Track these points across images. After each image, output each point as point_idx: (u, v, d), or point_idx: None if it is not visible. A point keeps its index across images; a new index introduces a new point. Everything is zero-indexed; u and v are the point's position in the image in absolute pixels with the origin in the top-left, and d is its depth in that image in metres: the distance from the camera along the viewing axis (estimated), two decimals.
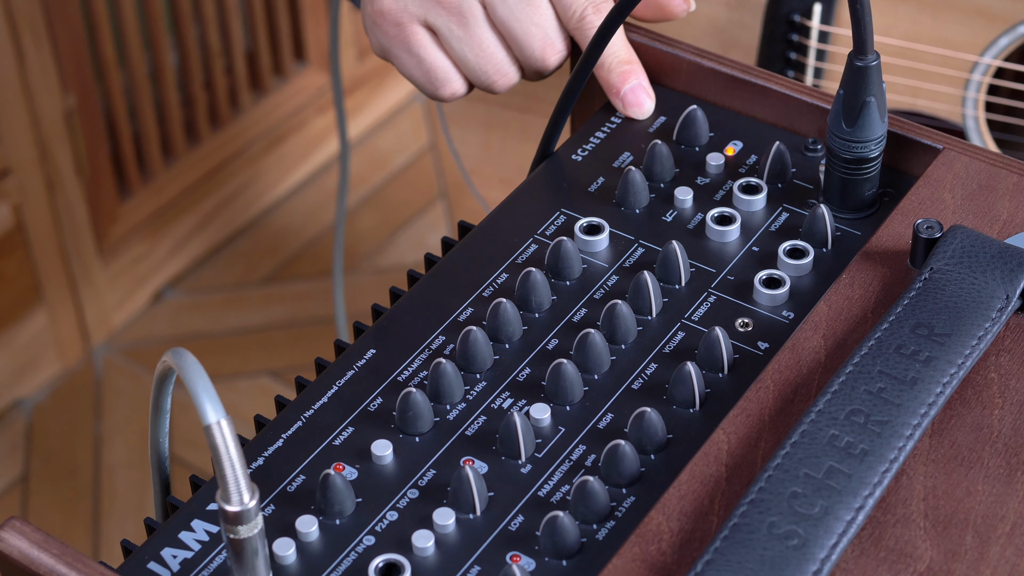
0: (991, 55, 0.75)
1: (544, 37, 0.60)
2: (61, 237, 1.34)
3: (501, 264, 0.57)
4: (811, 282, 0.55)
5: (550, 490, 0.50)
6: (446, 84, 0.62)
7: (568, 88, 0.59)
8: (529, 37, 0.60)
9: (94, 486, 1.32)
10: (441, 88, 0.62)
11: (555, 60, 0.61)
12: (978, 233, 0.53)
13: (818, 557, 0.44)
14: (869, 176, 0.57)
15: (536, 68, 0.61)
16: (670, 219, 0.58)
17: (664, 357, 0.53)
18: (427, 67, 0.62)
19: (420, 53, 0.61)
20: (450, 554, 0.48)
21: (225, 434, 0.43)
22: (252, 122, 1.49)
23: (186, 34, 1.38)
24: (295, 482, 0.50)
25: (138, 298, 1.45)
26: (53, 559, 0.46)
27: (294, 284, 1.48)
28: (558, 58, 0.61)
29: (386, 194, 1.55)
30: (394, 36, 0.61)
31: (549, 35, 0.60)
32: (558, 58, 0.61)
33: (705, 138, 0.61)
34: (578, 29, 0.60)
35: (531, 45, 0.60)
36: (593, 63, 0.58)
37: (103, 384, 1.39)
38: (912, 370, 0.49)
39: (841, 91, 0.55)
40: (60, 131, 1.30)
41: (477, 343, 0.53)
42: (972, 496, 0.47)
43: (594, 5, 0.60)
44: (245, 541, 0.45)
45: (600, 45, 0.57)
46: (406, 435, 0.51)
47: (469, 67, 0.61)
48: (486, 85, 0.62)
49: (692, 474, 0.48)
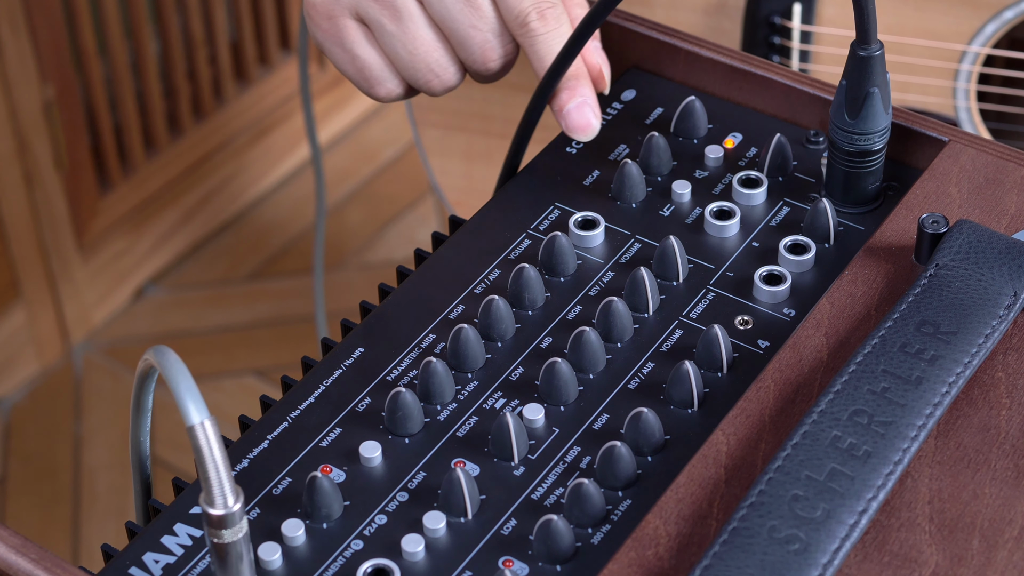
0: (979, 43, 0.74)
1: (483, 40, 0.57)
2: (40, 232, 1.33)
3: (493, 260, 0.56)
4: (813, 278, 0.55)
5: (544, 493, 0.49)
6: (380, 83, 0.59)
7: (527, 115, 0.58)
8: (467, 39, 0.57)
9: (74, 489, 1.31)
10: (375, 87, 0.59)
11: (496, 65, 0.58)
12: (985, 228, 0.53)
13: (820, 562, 0.44)
14: (872, 169, 0.56)
15: (477, 71, 0.59)
16: (667, 213, 0.58)
17: (661, 356, 0.53)
18: (360, 64, 0.59)
19: (353, 49, 0.59)
20: (441, 559, 0.47)
21: (209, 435, 0.42)
22: (236, 114, 1.48)
23: (168, 23, 1.37)
24: (281, 484, 0.50)
25: (119, 295, 1.44)
26: (31, 564, 0.46)
27: (280, 281, 1.48)
28: (499, 63, 0.58)
29: (374, 188, 1.55)
30: (326, 30, 0.59)
31: (488, 38, 0.57)
32: (499, 63, 0.58)
33: (704, 130, 0.60)
34: (521, 35, 0.57)
35: (470, 47, 0.57)
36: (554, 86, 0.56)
37: (83, 383, 1.38)
38: (917, 369, 0.48)
39: (844, 82, 0.54)
40: (39, 123, 1.29)
41: (468, 341, 0.52)
42: (979, 499, 0.47)
43: (539, 10, 0.57)
44: (229, 545, 0.44)
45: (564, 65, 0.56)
46: (395, 436, 0.51)
47: (403, 66, 0.58)
48: (422, 85, 0.59)
49: (690, 476, 0.47)
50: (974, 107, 0.76)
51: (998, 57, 0.79)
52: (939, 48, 0.75)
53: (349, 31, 0.58)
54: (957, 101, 0.76)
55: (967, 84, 0.76)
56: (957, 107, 0.76)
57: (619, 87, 0.62)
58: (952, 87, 0.76)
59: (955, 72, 0.75)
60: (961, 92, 0.76)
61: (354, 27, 0.58)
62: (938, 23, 0.75)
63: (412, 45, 0.57)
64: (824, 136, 0.60)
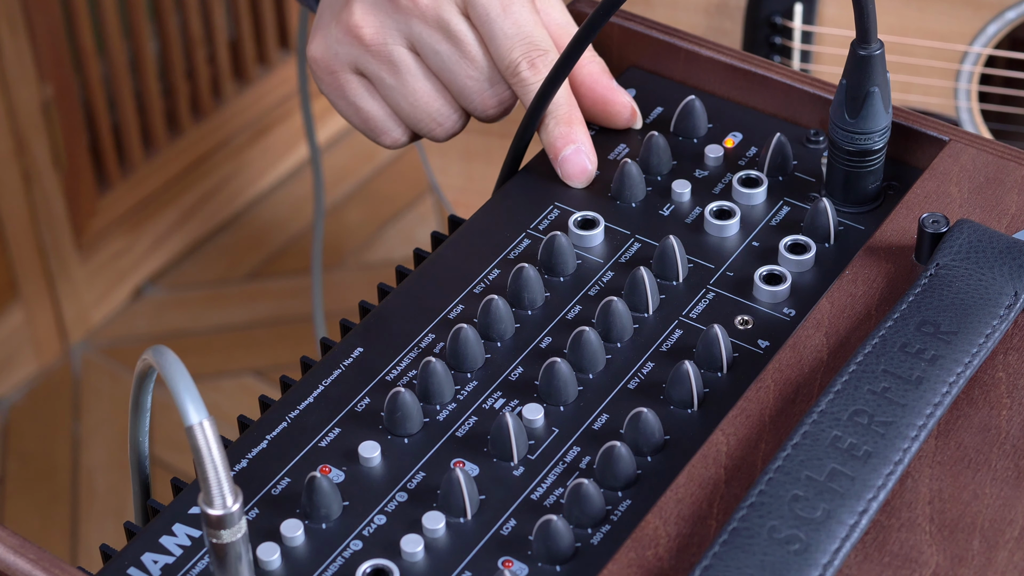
0: (980, 44, 0.74)
1: (480, 90, 0.58)
2: (38, 231, 1.33)
3: (492, 260, 0.56)
4: (813, 278, 0.55)
5: (543, 493, 0.49)
6: (385, 133, 0.60)
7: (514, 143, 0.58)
8: (464, 89, 0.58)
9: (72, 489, 1.31)
10: (380, 137, 0.60)
11: (494, 112, 0.59)
12: (985, 227, 0.53)
13: (820, 562, 0.44)
14: (873, 169, 0.56)
15: (479, 117, 0.60)
16: (667, 213, 0.57)
17: (661, 356, 0.53)
18: (364, 116, 0.60)
19: (356, 102, 0.60)
20: (440, 559, 0.47)
21: (207, 435, 0.42)
22: (235, 113, 1.48)
23: (167, 22, 1.37)
24: (280, 485, 0.49)
25: (117, 295, 1.44)
26: (30, 564, 0.46)
27: (278, 280, 1.47)
28: (498, 111, 0.59)
29: (374, 187, 1.54)
30: (328, 84, 0.60)
31: (484, 88, 0.58)
32: (498, 111, 0.59)
33: (703, 129, 0.60)
34: (514, 84, 0.58)
35: (468, 97, 0.59)
36: (535, 122, 0.57)
37: (81, 383, 1.38)
38: (917, 369, 0.48)
39: (844, 81, 0.54)
40: (37, 122, 1.28)
41: (468, 341, 0.52)
42: (979, 499, 0.46)
43: (529, 60, 0.57)
44: (228, 546, 0.44)
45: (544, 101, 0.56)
46: (394, 436, 0.51)
47: (405, 116, 0.60)
48: (426, 134, 0.60)
49: (690, 476, 0.47)
50: (975, 108, 0.76)
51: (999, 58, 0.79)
52: (941, 48, 0.75)
53: (351, 85, 0.59)
54: (958, 101, 0.76)
55: (968, 84, 0.76)
56: (958, 107, 0.76)
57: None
58: (953, 87, 0.76)
59: (956, 72, 0.75)
60: (963, 92, 0.76)
61: (355, 81, 0.59)
62: (940, 23, 0.75)
63: (412, 97, 0.59)
64: (824, 135, 0.59)
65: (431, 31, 0.58)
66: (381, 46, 0.58)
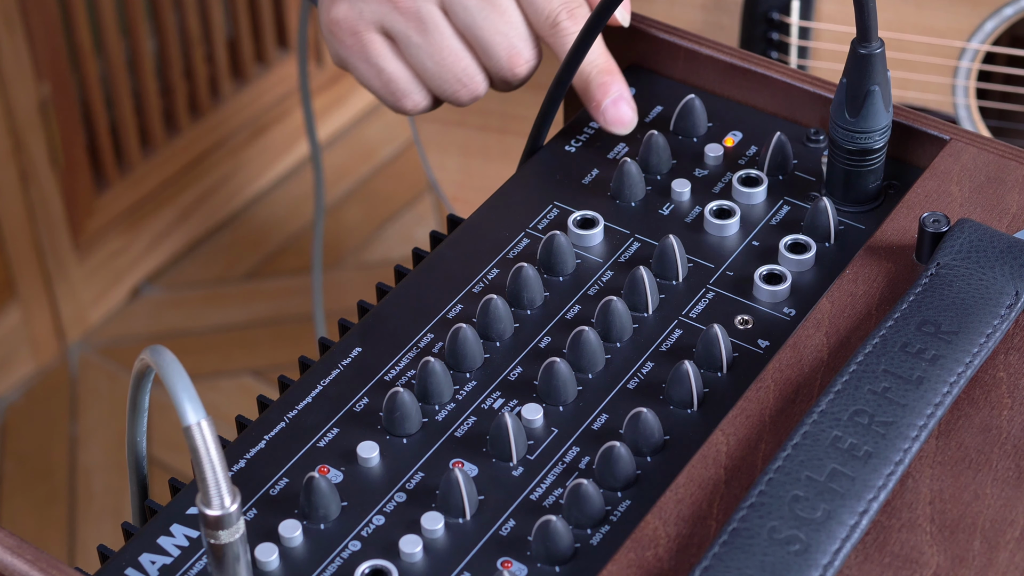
0: (978, 40, 0.74)
1: (510, 46, 0.57)
2: (35, 231, 1.33)
3: (491, 259, 0.56)
4: (813, 278, 0.55)
5: (542, 493, 0.49)
6: (407, 96, 0.59)
7: (548, 97, 0.57)
8: (494, 45, 0.57)
9: (69, 489, 1.30)
10: (402, 100, 0.59)
11: (524, 70, 0.58)
12: (986, 227, 0.52)
13: (820, 563, 0.44)
14: (873, 168, 0.56)
15: (504, 78, 0.59)
16: (667, 212, 0.57)
17: (661, 356, 0.52)
18: (386, 78, 0.59)
19: (379, 63, 0.58)
20: (439, 560, 0.47)
21: (205, 435, 0.42)
22: (233, 112, 1.48)
23: (165, 20, 1.36)
24: (278, 485, 0.49)
25: (115, 294, 1.43)
26: (27, 565, 0.46)
27: (277, 280, 1.47)
28: (527, 68, 0.58)
29: (372, 186, 1.54)
30: (351, 46, 0.58)
31: (515, 43, 0.57)
32: (527, 68, 0.58)
33: (703, 128, 0.60)
34: (552, 35, 0.57)
35: (497, 54, 0.57)
36: (572, 73, 0.56)
37: (79, 383, 1.38)
38: (918, 369, 0.48)
39: (844, 80, 0.54)
40: (34, 121, 1.28)
41: (467, 341, 0.52)
42: (980, 500, 0.46)
43: (568, 10, 0.57)
44: (226, 546, 0.44)
45: (580, 53, 0.55)
46: (393, 436, 0.51)
47: (430, 77, 0.58)
48: (449, 96, 0.59)
49: (690, 477, 0.47)
50: (974, 104, 0.76)
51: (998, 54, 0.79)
52: (939, 45, 0.75)
53: (375, 45, 0.58)
54: (957, 98, 0.76)
55: (967, 81, 0.75)
56: (957, 104, 0.76)
57: None
58: (952, 84, 0.76)
59: (954, 69, 0.75)
60: (961, 89, 0.76)
61: (379, 41, 0.58)
62: (938, 20, 0.75)
63: (439, 56, 0.57)
64: (824, 134, 0.59)
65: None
66: (410, 2, 0.57)
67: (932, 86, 0.76)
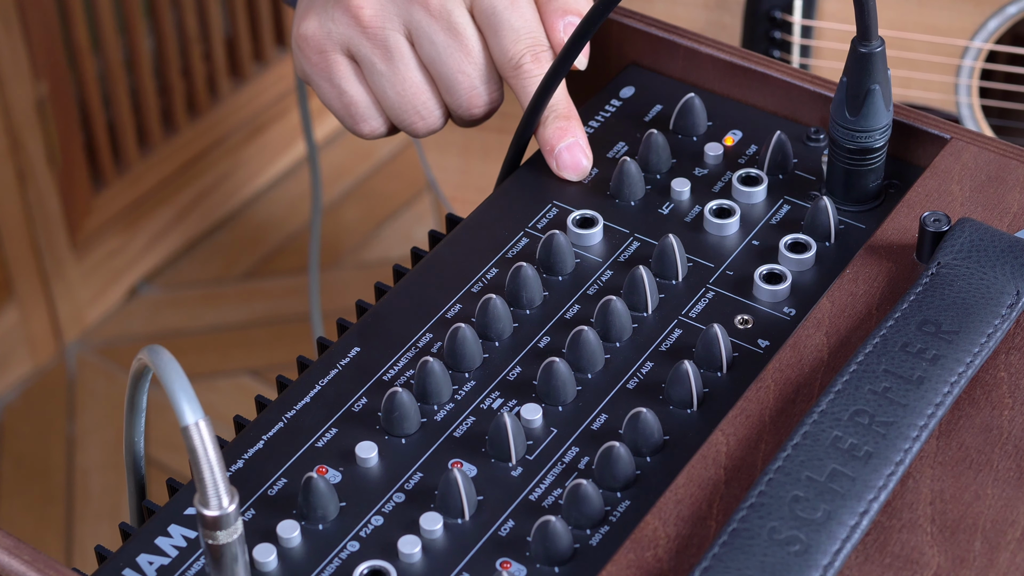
0: (981, 39, 0.74)
1: (471, 86, 0.58)
2: (32, 230, 1.33)
3: (491, 259, 0.56)
4: (813, 277, 0.55)
5: (542, 494, 0.49)
6: (365, 121, 0.59)
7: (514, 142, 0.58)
8: (456, 84, 0.58)
9: (67, 489, 1.30)
10: (359, 124, 0.60)
11: (480, 112, 0.59)
12: (987, 226, 0.52)
13: (821, 564, 0.44)
14: (874, 167, 0.56)
15: (461, 116, 0.59)
16: (667, 212, 0.57)
17: (660, 355, 0.52)
18: (347, 100, 0.59)
19: (341, 85, 0.59)
20: (438, 560, 0.47)
21: (203, 435, 0.42)
22: (231, 111, 1.47)
23: (163, 19, 1.36)
24: (276, 485, 0.49)
25: (113, 294, 1.43)
26: (24, 565, 0.46)
27: (275, 279, 1.47)
28: (484, 110, 0.59)
29: (371, 186, 1.54)
30: (316, 64, 0.59)
31: (476, 84, 0.58)
32: (484, 110, 0.59)
33: (703, 127, 0.60)
34: (514, 78, 0.58)
35: (457, 92, 0.58)
36: (538, 116, 0.57)
37: (76, 383, 1.38)
38: (919, 369, 0.48)
39: (844, 78, 0.54)
40: (31, 120, 1.28)
41: (466, 341, 0.52)
42: (981, 500, 0.46)
43: (533, 53, 0.57)
44: (224, 547, 0.44)
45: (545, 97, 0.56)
46: (392, 436, 0.50)
47: (389, 105, 0.59)
48: (406, 127, 0.60)
49: (689, 477, 0.47)
50: (976, 103, 0.76)
51: (1001, 53, 0.79)
52: (941, 44, 0.75)
53: (339, 67, 0.59)
54: (959, 97, 0.76)
55: (969, 80, 0.75)
56: (959, 103, 0.76)
57: (618, 84, 0.62)
58: (954, 83, 0.75)
59: (957, 68, 0.75)
60: (963, 88, 0.75)
61: (344, 63, 0.59)
62: (940, 18, 0.74)
63: (401, 86, 0.58)
64: (825, 133, 0.59)
65: (432, 20, 0.57)
66: (379, 29, 0.57)
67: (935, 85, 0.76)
